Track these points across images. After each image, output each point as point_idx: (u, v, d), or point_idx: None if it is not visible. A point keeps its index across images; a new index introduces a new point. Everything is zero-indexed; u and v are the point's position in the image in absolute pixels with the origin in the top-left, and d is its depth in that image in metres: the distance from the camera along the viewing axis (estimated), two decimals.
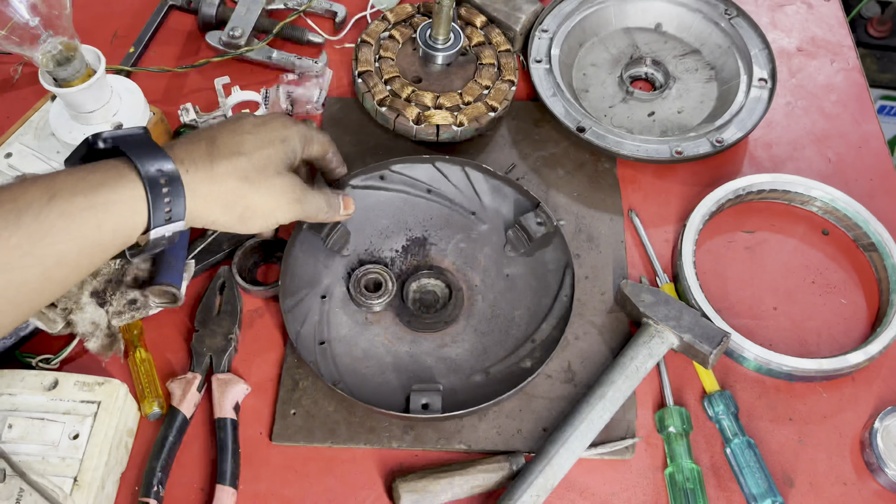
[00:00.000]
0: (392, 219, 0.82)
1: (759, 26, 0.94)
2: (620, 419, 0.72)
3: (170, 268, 0.74)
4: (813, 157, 0.91)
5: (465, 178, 0.83)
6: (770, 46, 0.92)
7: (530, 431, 0.71)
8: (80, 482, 0.63)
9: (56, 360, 0.73)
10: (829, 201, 0.84)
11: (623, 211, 0.85)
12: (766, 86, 0.90)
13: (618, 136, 0.85)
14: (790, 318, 0.79)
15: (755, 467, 0.68)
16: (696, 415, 0.73)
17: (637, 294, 0.74)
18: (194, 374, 0.72)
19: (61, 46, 0.73)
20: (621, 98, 0.93)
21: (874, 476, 0.70)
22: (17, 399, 0.66)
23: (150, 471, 0.67)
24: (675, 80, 0.94)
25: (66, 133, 0.78)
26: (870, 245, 0.82)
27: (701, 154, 0.85)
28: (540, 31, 0.94)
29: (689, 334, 0.71)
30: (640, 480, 0.70)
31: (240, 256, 0.78)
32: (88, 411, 0.66)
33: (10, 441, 0.64)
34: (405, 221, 0.83)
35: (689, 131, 0.88)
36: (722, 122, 0.87)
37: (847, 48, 1.01)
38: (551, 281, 0.78)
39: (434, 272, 0.79)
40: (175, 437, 0.69)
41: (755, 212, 0.86)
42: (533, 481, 0.66)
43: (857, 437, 0.72)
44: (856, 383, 0.75)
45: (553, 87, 0.89)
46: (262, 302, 0.78)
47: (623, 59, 0.96)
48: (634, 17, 0.99)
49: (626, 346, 0.73)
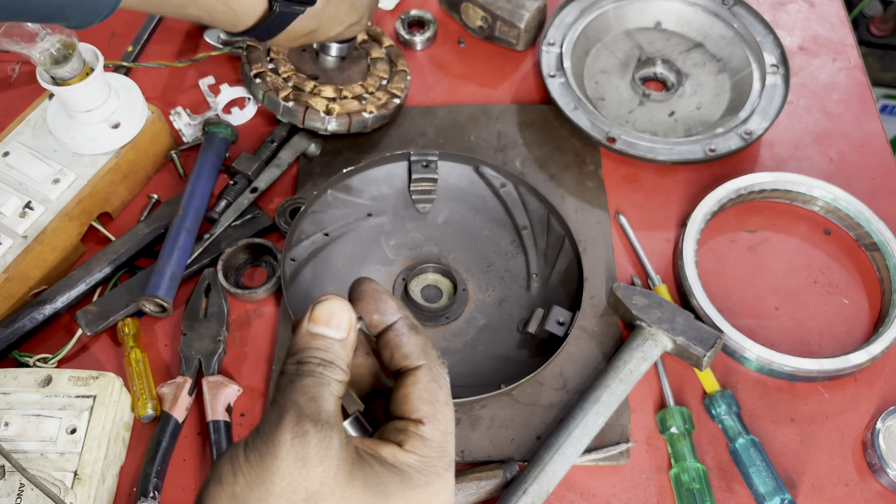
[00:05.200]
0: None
1: (758, 13, 0.94)
2: (614, 424, 0.71)
3: (163, 276, 0.74)
4: (815, 156, 0.90)
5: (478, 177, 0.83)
6: (774, 31, 0.93)
7: (523, 439, 0.71)
8: (81, 476, 0.62)
9: (54, 360, 0.73)
10: (831, 201, 0.83)
11: (610, 213, 0.84)
12: (779, 71, 0.90)
13: (649, 141, 0.85)
14: (792, 318, 0.79)
15: (761, 466, 0.67)
16: (698, 415, 0.72)
17: (629, 297, 0.74)
18: (185, 378, 0.72)
19: (59, 44, 0.73)
20: (638, 102, 0.93)
21: (876, 477, 0.70)
22: (12, 397, 0.66)
23: (146, 476, 0.66)
24: (687, 77, 0.94)
25: (64, 132, 0.78)
26: (872, 245, 0.82)
27: (733, 149, 0.85)
28: (546, 45, 0.93)
29: (683, 337, 0.71)
30: (641, 482, 0.69)
31: (227, 256, 0.78)
32: (85, 406, 0.66)
33: (8, 439, 0.64)
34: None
35: (713, 127, 0.88)
36: (745, 113, 0.87)
37: (849, 47, 1.00)
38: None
39: (439, 267, 0.79)
40: (168, 441, 0.69)
41: (757, 211, 0.85)
42: (527, 489, 0.65)
43: (858, 437, 0.72)
44: (858, 383, 0.75)
45: (574, 100, 0.89)
46: (254, 304, 0.78)
47: (631, 62, 0.96)
48: (634, 19, 0.98)
49: (619, 350, 0.72)
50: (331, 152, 0.88)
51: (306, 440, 0.34)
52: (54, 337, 0.76)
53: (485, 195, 0.83)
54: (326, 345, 0.37)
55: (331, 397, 0.36)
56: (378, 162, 0.82)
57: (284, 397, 0.35)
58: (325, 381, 0.36)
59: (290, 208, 0.81)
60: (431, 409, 0.38)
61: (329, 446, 0.34)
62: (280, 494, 0.33)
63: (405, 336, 0.39)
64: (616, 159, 0.88)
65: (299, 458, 0.33)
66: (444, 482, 0.37)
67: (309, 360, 0.37)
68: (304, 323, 0.38)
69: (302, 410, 0.34)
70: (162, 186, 0.86)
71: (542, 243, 0.80)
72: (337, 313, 0.38)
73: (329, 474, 0.34)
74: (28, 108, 0.82)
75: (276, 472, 0.33)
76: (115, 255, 0.78)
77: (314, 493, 0.34)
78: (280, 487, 0.33)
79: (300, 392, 0.35)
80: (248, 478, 0.34)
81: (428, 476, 0.37)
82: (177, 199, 0.81)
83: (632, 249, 0.82)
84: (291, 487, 0.33)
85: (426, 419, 0.37)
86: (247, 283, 0.80)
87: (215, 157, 0.83)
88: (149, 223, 0.80)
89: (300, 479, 0.33)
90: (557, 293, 0.77)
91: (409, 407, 0.38)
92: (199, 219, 0.79)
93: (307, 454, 0.33)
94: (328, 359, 0.37)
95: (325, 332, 0.37)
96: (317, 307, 0.38)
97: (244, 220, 0.81)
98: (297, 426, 0.34)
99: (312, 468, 0.33)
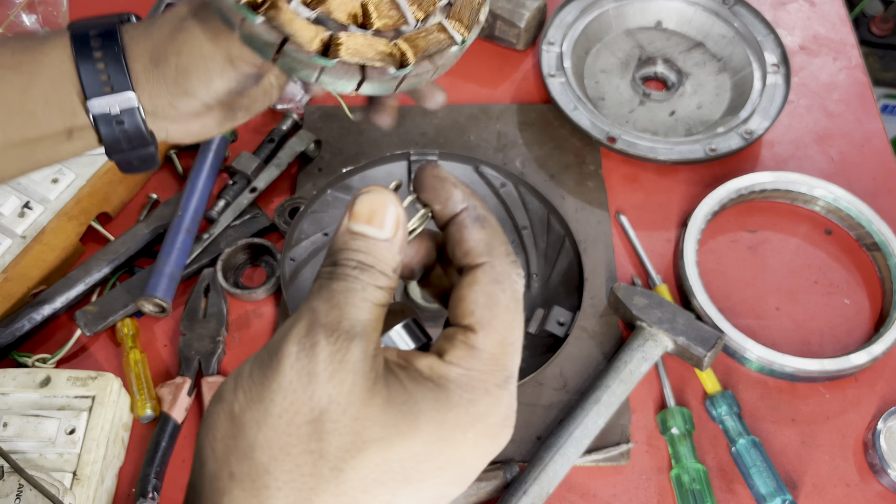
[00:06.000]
0: None
1: (759, 12, 0.94)
2: (614, 425, 0.71)
3: (162, 276, 0.74)
4: (816, 155, 0.90)
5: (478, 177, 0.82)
6: (775, 30, 0.93)
7: (523, 440, 0.71)
8: (80, 476, 0.62)
9: (52, 360, 0.73)
10: (832, 200, 0.83)
11: (610, 212, 0.84)
12: (780, 71, 0.90)
13: (650, 141, 0.85)
14: (793, 319, 0.78)
15: (762, 467, 0.67)
16: (699, 416, 0.72)
17: (630, 297, 0.74)
18: (184, 379, 0.71)
19: None
20: (639, 101, 0.93)
21: (877, 477, 0.69)
22: (11, 398, 0.66)
23: (145, 477, 0.66)
24: (688, 77, 0.94)
25: None
26: (873, 245, 0.81)
27: (734, 149, 0.85)
28: (546, 45, 0.93)
29: (684, 337, 0.70)
30: (642, 482, 0.69)
31: (226, 256, 0.77)
32: (83, 406, 0.66)
33: (7, 439, 0.63)
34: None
35: (714, 126, 0.88)
36: (746, 113, 0.87)
37: (850, 46, 1.00)
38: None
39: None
40: (167, 442, 0.68)
41: (757, 211, 0.85)
42: (527, 489, 0.65)
43: (860, 438, 0.72)
44: (859, 384, 0.75)
45: (574, 99, 0.88)
46: (253, 304, 0.78)
47: (631, 62, 0.95)
48: (634, 18, 0.98)
49: (619, 350, 0.72)
50: (331, 152, 0.88)
51: (314, 352, 0.29)
52: (53, 337, 0.76)
53: (485, 195, 0.83)
54: (367, 246, 0.31)
55: (363, 304, 0.30)
56: (378, 162, 0.82)
57: (306, 304, 0.31)
58: (358, 286, 0.31)
59: (290, 208, 0.81)
60: (488, 315, 0.31)
61: (344, 359, 0.29)
62: (280, 415, 0.29)
63: (467, 229, 0.33)
64: (616, 159, 0.88)
65: (304, 372, 0.29)
66: (494, 401, 0.31)
67: (345, 263, 0.31)
68: (343, 220, 0.32)
69: (317, 319, 0.30)
70: (161, 186, 0.85)
71: (542, 243, 0.80)
72: (380, 209, 0.32)
73: (341, 391, 0.29)
74: None
75: (277, 390, 0.29)
76: (114, 255, 0.78)
77: (321, 412, 0.28)
78: (281, 407, 0.29)
79: (324, 298, 0.30)
80: (248, 395, 0.29)
81: (473, 393, 0.30)
82: (176, 199, 0.81)
83: (632, 249, 0.82)
84: (294, 406, 0.29)
85: (479, 326, 0.31)
86: (246, 283, 0.80)
87: (214, 157, 0.83)
88: (148, 223, 0.80)
89: (304, 398, 0.29)
90: (558, 293, 0.77)
91: (462, 311, 0.32)
92: (198, 219, 0.79)
93: (314, 368, 0.29)
94: (367, 262, 0.31)
95: (366, 231, 0.32)
96: (357, 201, 0.32)
97: (243, 220, 0.81)
98: (306, 337, 0.29)
99: (320, 384, 0.29)
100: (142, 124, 0.47)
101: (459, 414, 0.30)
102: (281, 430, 0.29)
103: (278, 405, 0.29)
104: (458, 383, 0.30)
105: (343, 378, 0.29)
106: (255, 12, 0.41)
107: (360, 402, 0.29)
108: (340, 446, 0.29)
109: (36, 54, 0.44)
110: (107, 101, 0.45)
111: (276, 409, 0.29)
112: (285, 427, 0.29)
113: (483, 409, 0.30)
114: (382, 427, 0.29)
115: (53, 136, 0.46)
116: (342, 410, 0.29)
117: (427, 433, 0.29)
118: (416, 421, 0.29)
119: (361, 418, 0.29)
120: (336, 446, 0.29)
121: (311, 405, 0.29)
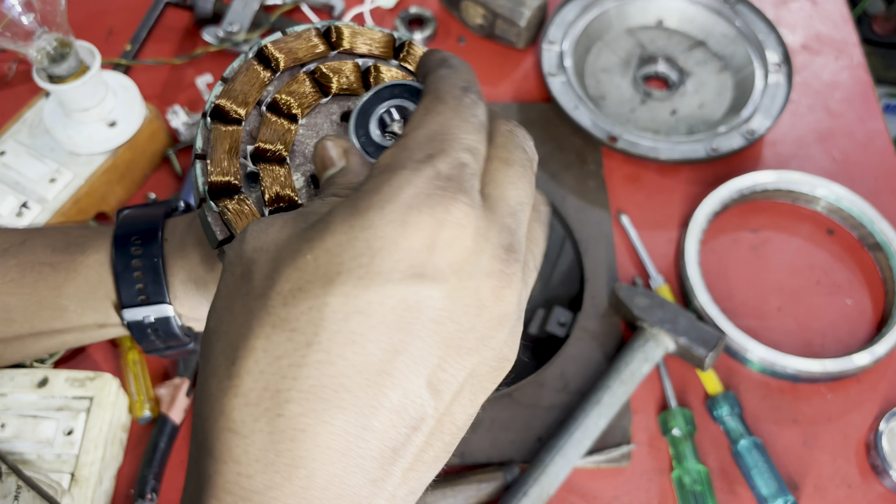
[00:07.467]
0: None
1: (761, 11, 0.94)
2: (615, 426, 0.71)
3: None
4: (818, 155, 0.90)
5: None
6: (776, 29, 0.92)
7: (524, 441, 0.70)
8: (78, 477, 0.62)
9: (50, 361, 0.72)
10: (834, 200, 0.83)
11: (611, 212, 0.84)
12: (782, 70, 0.90)
13: (651, 140, 0.85)
14: (795, 319, 0.78)
15: (764, 468, 0.67)
16: (700, 417, 0.72)
17: (631, 297, 0.73)
18: (182, 379, 0.71)
19: (56, 43, 0.72)
20: (640, 100, 0.92)
21: (879, 478, 0.69)
22: (8, 398, 0.66)
23: (143, 478, 0.66)
24: (689, 76, 0.94)
25: (61, 130, 0.78)
26: (875, 245, 0.81)
27: (736, 149, 0.85)
28: (547, 44, 0.92)
29: (685, 337, 0.70)
30: (643, 484, 0.69)
31: None
32: (81, 407, 0.65)
33: (4, 440, 0.63)
34: None
35: (715, 125, 0.88)
36: (748, 112, 0.87)
37: (852, 45, 1.00)
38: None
39: None
40: (166, 443, 0.68)
41: (759, 211, 0.85)
42: (528, 491, 0.64)
43: (862, 439, 0.71)
44: (861, 384, 0.74)
45: (575, 99, 0.88)
46: None
47: (632, 61, 0.95)
48: (635, 17, 0.98)
49: (620, 351, 0.72)
50: None
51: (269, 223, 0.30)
52: None
53: None
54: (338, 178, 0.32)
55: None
56: None
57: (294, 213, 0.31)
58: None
59: None
60: (418, 117, 0.30)
61: (273, 221, 0.30)
62: (231, 271, 0.30)
63: (434, 70, 0.33)
64: (618, 158, 0.88)
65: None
66: (411, 174, 0.27)
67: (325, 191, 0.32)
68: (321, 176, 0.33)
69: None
70: (159, 186, 0.85)
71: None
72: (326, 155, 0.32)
73: (266, 240, 0.29)
74: (24, 106, 0.82)
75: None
76: None
77: (250, 262, 0.29)
78: (230, 272, 0.30)
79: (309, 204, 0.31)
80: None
81: (390, 171, 0.27)
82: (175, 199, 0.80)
83: (633, 249, 0.82)
84: (238, 269, 0.30)
85: (409, 127, 0.30)
86: None
87: None
88: None
89: (239, 258, 0.30)
90: (558, 294, 0.76)
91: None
92: None
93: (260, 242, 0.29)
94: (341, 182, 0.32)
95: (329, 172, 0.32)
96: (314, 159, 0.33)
97: None
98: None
99: (248, 245, 0.29)
100: (177, 329, 0.46)
101: (370, 194, 0.27)
102: (231, 285, 0.30)
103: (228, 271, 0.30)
104: (373, 175, 0.28)
105: (267, 229, 0.29)
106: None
107: (284, 242, 0.28)
108: (262, 276, 0.28)
109: (76, 255, 0.43)
110: (142, 311, 0.44)
111: (227, 275, 0.30)
112: (235, 282, 0.30)
113: (401, 183, 0.27)
114: (296, 243, 0.28)
115: (83, 328, 0.45)
116: (267, 253, 0.28)
117: (338, 227, 0.27)
118: (328, 222, 0.28)
119: (280, 249, 0.28)
120: (258, 278, 0.28)
121: (243, 263, 0.29)
